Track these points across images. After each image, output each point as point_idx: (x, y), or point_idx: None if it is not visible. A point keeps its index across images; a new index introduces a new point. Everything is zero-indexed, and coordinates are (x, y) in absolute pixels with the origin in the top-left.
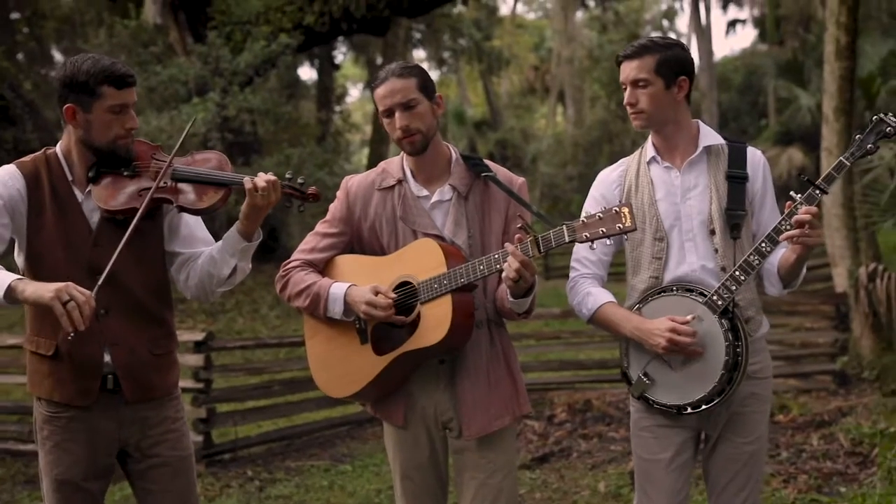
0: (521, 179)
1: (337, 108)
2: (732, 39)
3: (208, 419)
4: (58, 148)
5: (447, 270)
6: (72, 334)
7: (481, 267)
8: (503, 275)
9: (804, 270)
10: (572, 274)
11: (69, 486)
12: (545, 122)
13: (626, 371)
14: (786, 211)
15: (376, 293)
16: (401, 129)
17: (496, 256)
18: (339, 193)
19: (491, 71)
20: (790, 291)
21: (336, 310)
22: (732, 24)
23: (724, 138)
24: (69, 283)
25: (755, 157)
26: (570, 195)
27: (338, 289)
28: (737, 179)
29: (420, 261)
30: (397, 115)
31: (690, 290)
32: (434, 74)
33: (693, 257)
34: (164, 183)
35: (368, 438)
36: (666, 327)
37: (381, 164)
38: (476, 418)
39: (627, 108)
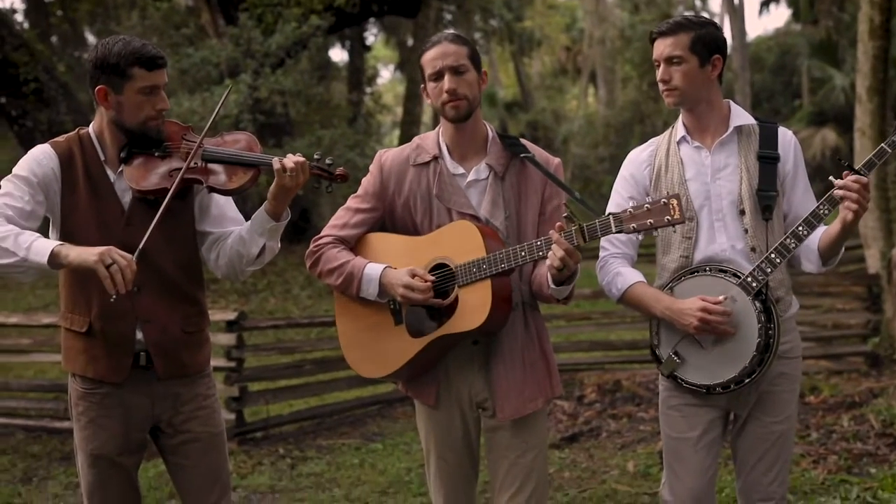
0: (556, 160)
1: (368, 90)
2: (766, 19)
3: (240, 397)
4: (90, 128)
5: (486, 255)
6: (113, 297)
7: (522, 253)
8: (547, 263)
9: (843, 248)
10: (602, 253)
11: (104, 461)
12: (576, 103)
13: (655, 349)
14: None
15: (414, 276)
16: (448, 91)
17: (538, 243)
18: (371, 167)
19: (522, 52)
20: (828, 269)
21: (371, 291)
22: (766, 4)
23: (755, 118)
24: (111, 247)
25: (786, 137)
26: (601, 176)
27: (372, 270)
28: (768, 160)
29: (457, 243)
30: (446, 77)
31: (724, 271)
32: None
33: (723, 237)
34: (195, 163)
35: (399, 417)
36: (697, 307)
37: (416, 140)
38: (510, 400)
39: (661, 84)
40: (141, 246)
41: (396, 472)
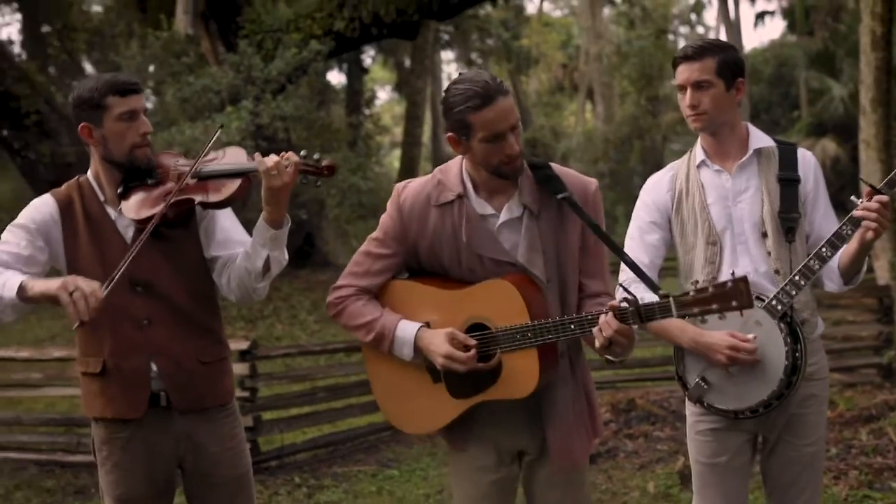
0: (594, 185)
1: (367, 112)
2: (761, 31)
3: (255, 427)
4: (89, 173)
5: (530, 321)
6: (76, 325)
7: (572, 326)
8: (596, 342)
9: (864, 267)
10: (623, 276)
11: None
12: (574, 119)
13: (682, 375)
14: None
15: (452, 339)
16: (512, 154)
17: (589, 318)
18: (390, 206)
19: (519, 70)
20: (850, 287)
21: (405, 353)
22: (761, 16)
23: (775, 140)
24: (76, 276)
25: (806, 158)
26: (602, 192)
27: (405, 332)
28: (788, 182)
29: (497, 304)
30: (510, 139)
31: None
32: None
33: (746, 260)
34: (185, 183)
35: (414, 443)
36: (727, 344)
37: (437, 174)
38: (565, 458)
39: (688, 110)
40: (118, 272)
41: (415, 498)
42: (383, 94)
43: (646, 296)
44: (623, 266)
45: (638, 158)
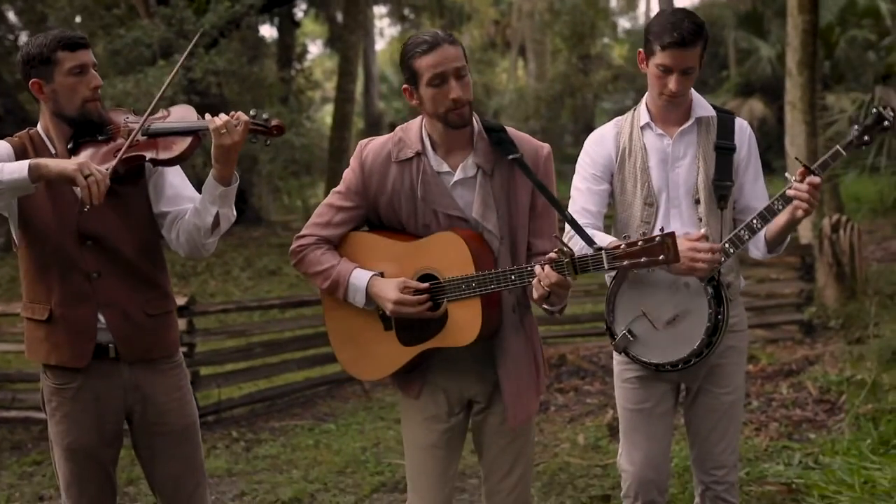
0: (546, 149)
1: (298, 67)
2: None
3: (193, 382)
4: (38, 128)
5: (475, 272)
6: (86, 207)
7: (512, 277)
8: (534, 292)
9: (789, 238)
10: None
11: (81, 453)
12: (506, 76)
13: (610, 326)
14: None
15: (404, 287)
16: (456, 99)
17: (528, 269)
18: (352, 161)
19: (452, 26)
20: (773, 256)
21: (358, 300)
22: None
23: (714, 108)
24: (88, 161)
25: (742, 127)
26: None
27: (359, 279)
28: (724, 150)
29: (446, 256)
30: (452, 83)
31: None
32: (395, 30)
33: (677, 223)
34: (136, 140)
35: (349, 398)
36: (687, 247)
37: (398, 132)
38: (519, 409)
39: (669, 92)
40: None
41: (352, 451)
42: (314, 49)
43: (584, 250)
44: (573, 197)
45: (569, 116)
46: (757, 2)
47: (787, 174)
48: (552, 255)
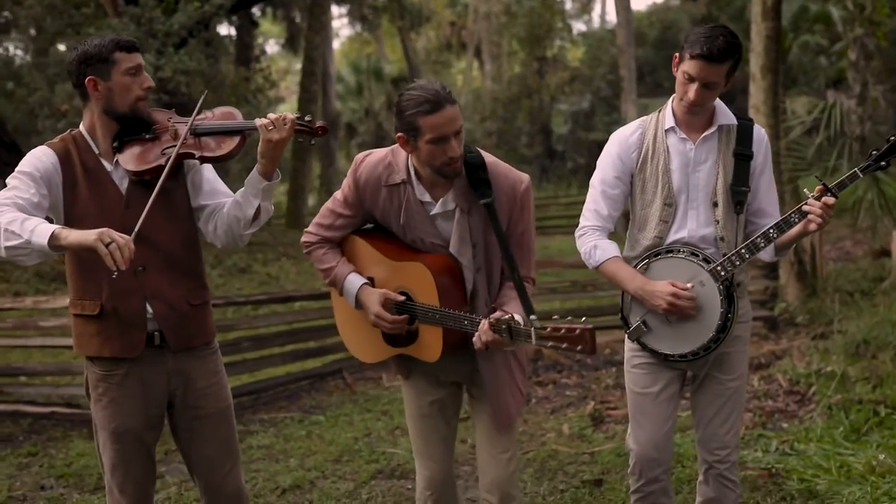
0: (524, 181)
1: (257, 66)
2: None
3: None
4: (81, 127)
5: (439, 307)
6: (115, 274)
7: (465, 323)
8: (475, 340)
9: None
10: (583, 222)
11: (127, 437)
12: (462, 77)
13: (625, 316)
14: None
15: (384, 300)
16: (454, 157)
17: (477, 321)
18: (349, 176)
19: (410, 27)
20: (778, 259)
21: (350, 301)
22: None
23: (736, 117)
24: (108, 228)
25: (760, 135)
26: (489, 150)
27: (352, 284)
28: (742, 157)
29: (418, 282)
30: (453, 142)
31: (696, 255)
32: (349, 31)
33: (693, 224)
34: (186, 139)
35: (332, 391)
36: (668, 291)
37: (389, 155)
38: (504, 414)
39: (691, 106)
40: (139, 225)
41: (345, 441)
42: (268, 48)
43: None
44: (588, 197)
45: (525, 118)
46: (712, 6)
47: (805, 189)
48: (498, 314)
